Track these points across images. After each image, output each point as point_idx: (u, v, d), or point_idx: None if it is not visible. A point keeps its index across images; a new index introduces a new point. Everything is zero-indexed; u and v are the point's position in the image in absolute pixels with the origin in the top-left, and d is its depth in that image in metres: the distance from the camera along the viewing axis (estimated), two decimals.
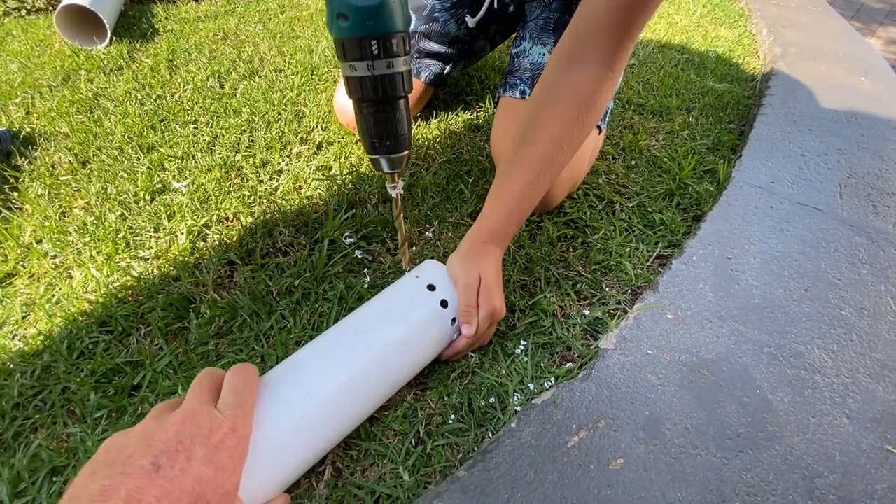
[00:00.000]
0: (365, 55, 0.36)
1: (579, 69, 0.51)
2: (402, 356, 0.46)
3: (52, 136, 0.83)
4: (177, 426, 0.30)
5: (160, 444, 0.29)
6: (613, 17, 0.48)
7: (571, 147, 0.54)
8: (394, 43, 0.37)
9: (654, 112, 1.02)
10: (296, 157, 0.81)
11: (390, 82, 0.38)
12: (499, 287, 0.52)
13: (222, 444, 0.31)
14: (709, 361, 0.52)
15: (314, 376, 0.41)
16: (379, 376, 0.44)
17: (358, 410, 0.43)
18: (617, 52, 0.50)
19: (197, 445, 0.30)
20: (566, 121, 0.52)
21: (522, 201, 0.53)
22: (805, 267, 0.66)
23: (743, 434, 0.46)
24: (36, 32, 1.21)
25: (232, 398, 0.34)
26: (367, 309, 0.48)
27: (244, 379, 0.36)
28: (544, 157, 0.52)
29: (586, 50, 0.50)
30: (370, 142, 0.42)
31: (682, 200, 0.78)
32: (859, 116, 1.04)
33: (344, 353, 0.43)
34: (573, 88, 0.51)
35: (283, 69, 1.08)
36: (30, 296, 0.58)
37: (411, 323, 0.46)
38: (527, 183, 0.53)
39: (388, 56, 0.37)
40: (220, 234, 0.65)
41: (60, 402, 0.48)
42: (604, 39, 0.49)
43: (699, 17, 1.64)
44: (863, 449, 0.46)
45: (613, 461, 0.43)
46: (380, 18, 0.35)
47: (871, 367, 0.54)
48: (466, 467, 0.42)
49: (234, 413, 0.33)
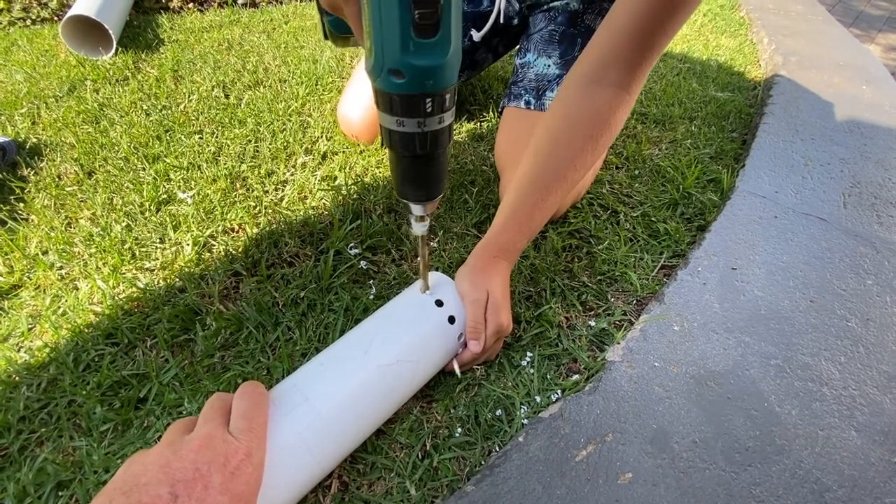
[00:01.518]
0: (418, 112, 0.33)
1: (597, 91, 0.51)
2: (409, 372, 0.45)
3: (57, 147, 0.84)
4: (193, 453, 0.30)
5: (177, 472, 0.29)
6: (633, 42, 0.48)
7: (585, 166, 0.54)
8: (447, 98, 0.33)
9: (656, 121, 1.03)
10: (301, 168, 0.81)
11: (440, 137, 0.35)
12: (506, 303, 0.52)
13: (238, 470, 0.31)
14: (716, 373, 0.52)
15: (321, 393, 0.40)
16: (385, 391, 0.44)
17: (364, 426, 0.43)
18: (635, 75, 0.50)
19: (214, 473, 0.30)
20: (581, 141, 0.52)
21: (533, 217, 0.54)
22: (810, 277, 0.66)
23: (751, 448, 0.46)
24: (41, 42, 1.22)
25: (244, 422, 0.34)
26: (373, 322, 0.48)
27: (254, 401, 0.36)
28: (558, 174, 0.53)
29: (605, 72, 0.50)
30: (406, 189, 0.39)
31: (686, 210, 0.78)
32: (861, 125, 1.04)
33: (351, 368, 0.43)
34: (590, 110, 0.52)
35: (288, 79, 1.09)
36: (36, 307, 0.58)
37: (419, 338, 0.46)
38: (539, 199, 0.53)
39: (441, 112, 0.33)
40: (225, 245, 0.65)
41: (66, 416, 0.47)
42: (622, 63, 0.49)
43: (700, 26, 1.65)
44: (871, 462, 0.46)
45: (622, 475, 0.43)
46: (439, 77, 0.31)
47: (879, 380, 0.54)
48: (474, 482, 0.42)
49: (248, 438, 0.33)
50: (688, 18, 0.48)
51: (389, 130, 0.34)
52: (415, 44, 0.29)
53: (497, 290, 0.51)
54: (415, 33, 0.28)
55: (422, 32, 0.28)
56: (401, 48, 0.29)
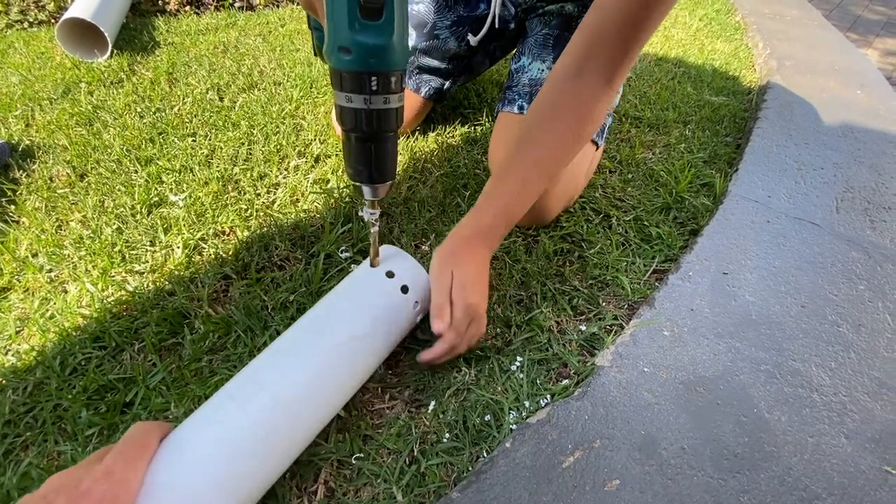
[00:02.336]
0: (363, 90, 0.36)
1: (580, 84, 0.52)
2: (365, 346, 0.46)
3: (50, 149, 0.84)
4: (47, 483, 0.31)
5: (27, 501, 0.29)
6: (614, 37, 0.49)
7: (565, 158, 0.55)
8: (392, 80, 0.37)
9: (650, 125, 1.03)
10: (293, 171, 0.81)
11: (385, 117, 0.38)
12: (479, 286, 0.51)
13: (90, 490, 0.30)
14: (705, 379, 0.52)
15: (277, 379, 0.40)
16: (343, 370, 0.44)
17: (327, 406, 0.43)
18: (617, 69, 0.51)
19: (60, 497, 0.29)
20: (562, 132, 0.53)
21: (511, 204, 0.54)
22: (802, 283, 0.65)
23: (740, 454, 0.46)
24: (37, 45, 1.22)
25: (118, 446, 0.33)
26: (324, 303, 0.48)
27: (139, 430, 0.35)
28: (538, 164, 0.54)
29: (588, 66, 0.51)
30: (355, 169, 0.42)
31: (679, 214, 0.78)
32: (855, 130, 1.04)
33: (306, 351, 0.43)
34: (572, 102, 0.53)
35: (283, 82, 1.09)
36: (24, 310, 0.58)
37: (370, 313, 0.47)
38: (518, 187, 0.54)
39: (386, 93, 0.37)
40: (216, 248, 0.65)
41: (52, 420, 0.47)
42: (605, 56, 0.50)
43: (696, 30, 1.66)
44: (861, 470, 0.46)
45: (609, 482, 0.43)
46: (383, 57, 0.35)
47: (869, 386, 0.53)
48: (460, 488, 0.42)
49: (113, 459, 0.32)
50: (668, 13, 0.49)
51: (340, 107, 0.38)
52: (360, 24, 0.34)
53: (467, 271, 0.50)
54: (361, 14, 0.33)
55: (368, 14, 0.33)
56: (348, 27, 0.34)
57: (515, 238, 0.70)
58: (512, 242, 0.69)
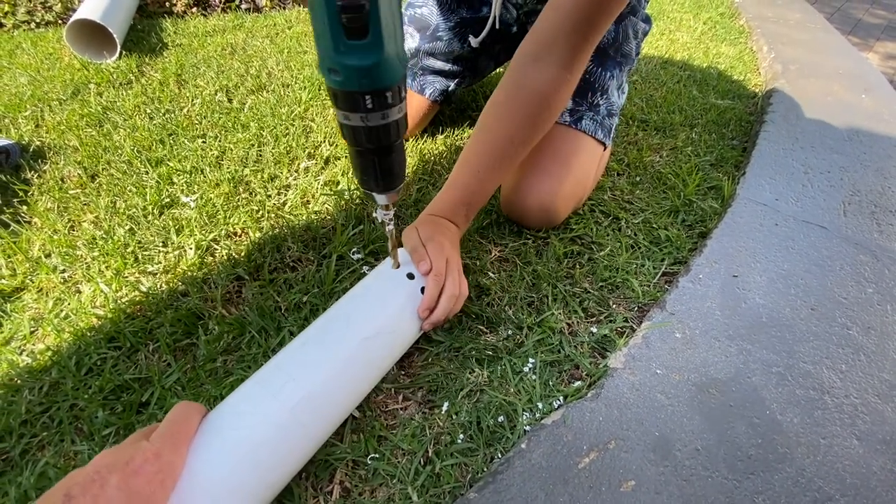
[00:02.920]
0: (358, 108, 0.35)
1: (539, 70, 0.53)
2: (389, 342, 0.48)
3: (61, 150, 0.84)
4: (97, 459, 0.31)
5: (77, 476, 0.30)
6: (573, 23, 0.50)
7: (525, 143, 0.56)
8: (388, 96, 0.35)
9: (657, 128, 1.03)
10: (303, 172, 0.81)
11: (385, 132, 0.37)
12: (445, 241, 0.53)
13: (141, 469, 0.31)
14: (718, 381, 0.52)
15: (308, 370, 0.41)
16: (368, 363, 0.46)
17: (351, 397, 0.45)
18: (576, 55, 0.52)
19: (112, 474, 0.30)
20: (521, 119, 0.55)
21: (473, 188, 0.57)
22: (811, 285, 0.66)
23: (754, 456, 0.46)
24: (46, 45, 1.23)
25: (163, 428, 0.34)
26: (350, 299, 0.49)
27: (182, 411, 0.36)
28: (496, 151, 0.55)
29: (547, 52, 0.52)
30: (363, 179, 0.41)
31: (688, 217, 0.78)
32: (861, 134, 1.05)
33: (334, 344, 0.44)
34: (531, 88, 0.54)
35: (291, 84, 1.09)
36: (38, 310, 0.58)
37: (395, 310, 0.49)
38: (475, 173, 0.56)
39: (383, 108, 0.35)
40: (228, 249, 0.66)
41: (68, 419, 0.47)
42: (563, 43, 0.51)
43: (700, 34, 1.66)
44: (873, 471, 0.46)
45: (624, 483, 0.43)
46: (374, 76, 0.33)
47: (880, 388, 0.54)
48: (477, 489, 0.42)
49: (161, 441, 0.33)
50: (626, 3, 0.51)
51: (340, 124, 0.37)
52: (346, 45, 0.31)
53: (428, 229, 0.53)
54: (345, 35, 0.31)
55: (352, 34, 0.31)
56: (333, 49, 0.31)
57: (526, 240, 0.71)
58: (522, 244, 0.70)
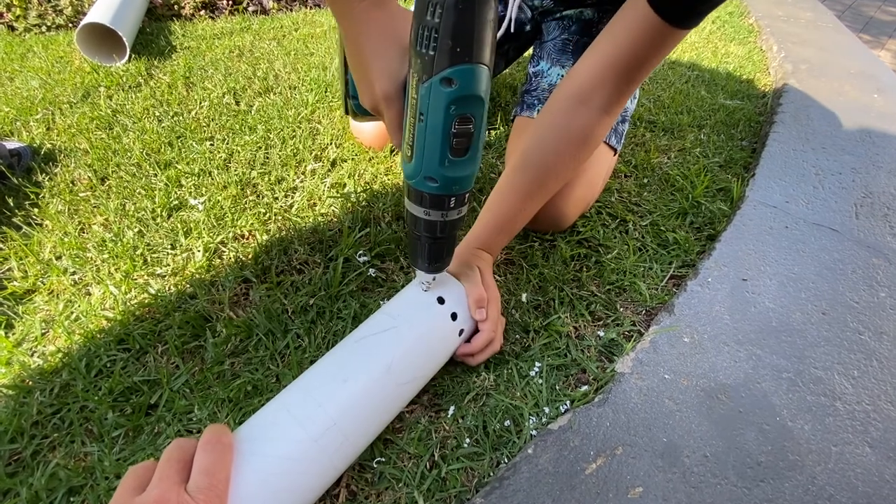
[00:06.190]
0: (442, 207, 0.40)
1: (584, 112, 0.55)
2: (421, 384, 0.48)
3: (71, 153, 0.85)
4: None
5: None
6: (619, 74, 0.52)
7: (563, 177, 0.59)
8: (466, 196, 0.41)
9: (665, 129, 1.03)
10: (310, 175, 0.82)
11: (457, 224, 0.43)
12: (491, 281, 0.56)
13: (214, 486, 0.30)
14: (727, 387, 0.52)
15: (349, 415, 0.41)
16: (399, 404, 0.45)
17: (375, 433, 0.44)
18: (618, 100, 0.54)
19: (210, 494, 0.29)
20: (563, 156, 0.57)
21: (512, 219, 0.59)
22: (822, 289, 0.65)
23: (764, 463, 0.46)
24: (56, 49, 1.24)
25: (205, 479, 0.32)
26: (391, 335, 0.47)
27: (218, 454, 0.34)
28: (540, 183, 0.58)
29: (592, 95, 0.54)
30: (421, 262, 0.46)
31: (696, 219, 0.77)
32: (873, 134, 1.03)
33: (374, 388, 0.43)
34: (577, 128, 0.56)
35: (298, 86, 1.09)
36: (49, 312, 0.58)
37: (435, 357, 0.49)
38: (518, 203, 0.58)
39: (460, 206, 0.41)
40: (235, 252, 0.66)
41: (79, 421, 0.48)
42: (608, 90, 0.53)
43: (709, 33, 1.65)
44: (886, 479, 0.46)
45: (632, 490, 0.43)
46: (464, 184, 0.39)
47: (893, 394, 0.53)
48: (484, 494, 0.42)
49: (206, 497, 0.31)
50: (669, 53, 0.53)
51: (416, 217, 0.42)
52: (449, 161, 0.37)
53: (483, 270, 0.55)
54: (451, 154, 0.37)
55: (456, 153, 0.37)
56: (439, 163, 0.37)
57: (532, 243, 0.70)
58: (529, 247, 0.70)
